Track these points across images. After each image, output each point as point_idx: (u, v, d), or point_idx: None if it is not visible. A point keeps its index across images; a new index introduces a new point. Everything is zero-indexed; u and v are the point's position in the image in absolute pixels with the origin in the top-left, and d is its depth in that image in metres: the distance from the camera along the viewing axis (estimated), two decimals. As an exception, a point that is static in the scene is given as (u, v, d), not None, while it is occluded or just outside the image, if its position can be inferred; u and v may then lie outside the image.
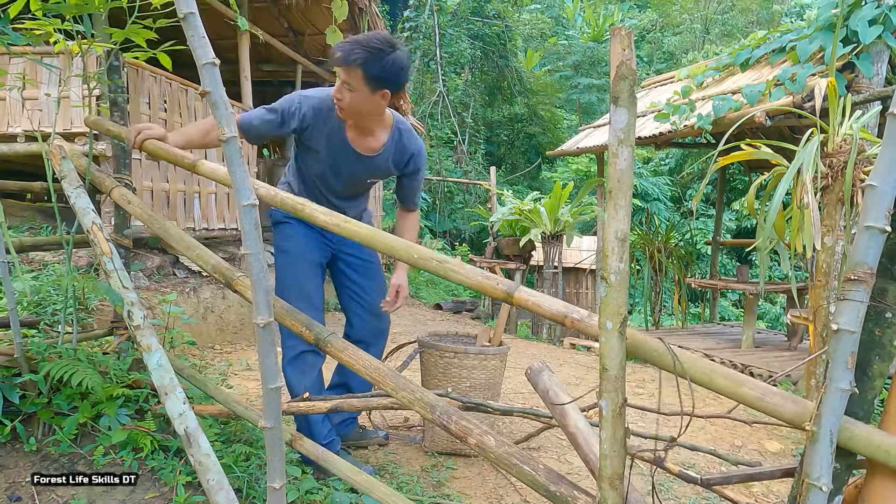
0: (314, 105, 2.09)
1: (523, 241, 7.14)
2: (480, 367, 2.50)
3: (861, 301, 0.90)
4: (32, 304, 2.92)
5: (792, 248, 2.00)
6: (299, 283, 2.22)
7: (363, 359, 1.61)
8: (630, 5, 20.99)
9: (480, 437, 1.36)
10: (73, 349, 2.02)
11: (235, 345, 4.54)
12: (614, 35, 0.98)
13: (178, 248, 1.96)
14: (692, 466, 2.62)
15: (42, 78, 3.92)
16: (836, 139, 2.20)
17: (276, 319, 1.56)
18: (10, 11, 1.62)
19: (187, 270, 4.63)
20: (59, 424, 1.91)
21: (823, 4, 4.26)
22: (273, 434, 1.21)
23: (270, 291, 1.20)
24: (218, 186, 5.17)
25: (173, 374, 1.65)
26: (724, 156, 2.60)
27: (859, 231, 0.90)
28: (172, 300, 3.17)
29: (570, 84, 18.07)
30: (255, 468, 2.00)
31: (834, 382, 0.92)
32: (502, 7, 15.73)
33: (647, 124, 5.24)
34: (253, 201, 1.12)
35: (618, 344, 1.03)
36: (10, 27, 1.66)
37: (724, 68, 5.21)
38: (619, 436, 1.05)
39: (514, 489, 2.31)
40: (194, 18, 1.04)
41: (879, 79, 3.78)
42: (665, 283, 6.51)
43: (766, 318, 11.16)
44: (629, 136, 0.98)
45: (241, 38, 5.53)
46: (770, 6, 17.20)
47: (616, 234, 1.00)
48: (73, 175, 2.09)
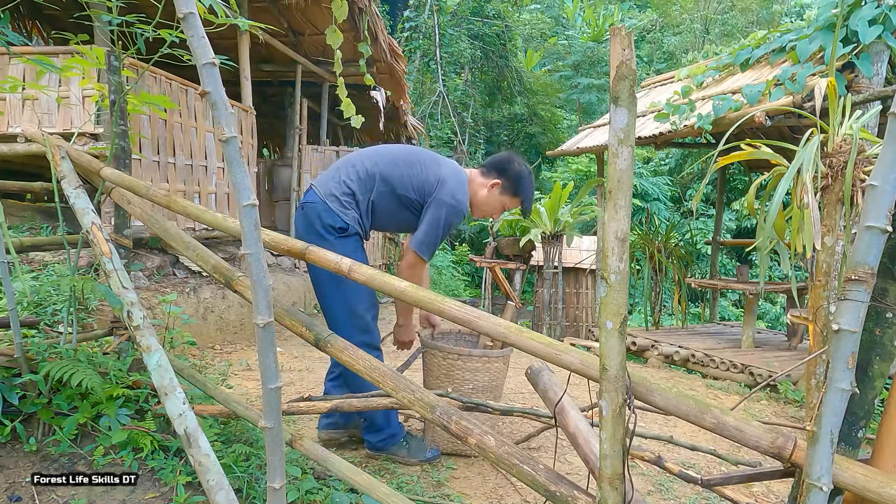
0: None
1: (523, 241, 7.14)
2: (484, 370, 2.50)
3: (861, 301, 0.90)
4: (32, 305, 2.91)
5: (792, 248, 2.00)
6: (370, 293, 2.35)
7: (363, 359, 1.61)
8: (630, 5, 20.99)
9: (480, 437, 1.36)
10: (73, 349, 2.02)
11: (235, 345, 4.54)
12: (614, 35, 0.98)
13: (178, 248, 1.96)
14: (692, 466, 2.62)
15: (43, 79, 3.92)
16: (836, 139, 2.20)
17: (276, 320, 1.56)
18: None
19: (187, 270, 4.63)
20: (59, 425, 1.91)
21: (823, 4, 4.26)
22: (273, 434, 1.21)
23: (270, 291, 1.20)
24: (218, 186, 5.17)
25: (173, 375, 1.65)
26: (723, 156, 2.59)
27: (860, 231, 0.90)
28: (172, 300, 3.17)
29: (570, 84, 18.05)
30: (255, 468, 1.99)
31: (834, 382, 0.92)
32: (502, 7, 15.71)
33: (647, 124, 5.24)
34: (253, 201, 1.12)
35: (618, 344, 1.03)
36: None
37: (724, 68, 5.21)
38: (618, 436, 1.05)
39: (514, 489, 2.31)
40: (194, 18, 1.04)
41: (879, 79, 3.77)
42: (665, 283, 6.50)
43: (766, 318, 11.15)
44: (629, 136, 0.98)
45: (241, 38, 5.53)
46: (770, 6, 17.19)
47: (616, 234, 1.00)
48: (72, 175, 2.09)
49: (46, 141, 2.17)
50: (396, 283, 1.48)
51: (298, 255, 1.67)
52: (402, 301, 1.52)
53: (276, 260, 6.41)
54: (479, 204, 2.50)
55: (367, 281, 1.51)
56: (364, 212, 2.34)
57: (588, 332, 6.87)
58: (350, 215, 2.29)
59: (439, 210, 2.31)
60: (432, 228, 2.30)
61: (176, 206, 1.83)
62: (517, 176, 2.46)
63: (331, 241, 2.23)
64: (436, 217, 2.31)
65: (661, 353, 5.33)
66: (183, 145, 4.67)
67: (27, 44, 5.97)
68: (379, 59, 6.70)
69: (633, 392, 1.08)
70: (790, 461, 1.02)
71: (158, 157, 4.36)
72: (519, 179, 2.46)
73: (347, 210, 2.29)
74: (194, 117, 4.82)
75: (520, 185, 2.47)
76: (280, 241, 1.71)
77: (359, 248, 2.36)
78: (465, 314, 1.36)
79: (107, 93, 2.27)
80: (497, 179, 2.46)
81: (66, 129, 3.95)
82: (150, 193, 1.91)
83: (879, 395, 1.12)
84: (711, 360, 4.82)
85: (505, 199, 2.49)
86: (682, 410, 1.08)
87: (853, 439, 1.13)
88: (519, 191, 2.48)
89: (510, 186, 2.46)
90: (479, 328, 1.34)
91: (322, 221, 2.26)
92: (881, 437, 1.12)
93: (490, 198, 2.48)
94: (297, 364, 4.06)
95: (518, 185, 2.47)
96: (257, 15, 6.23)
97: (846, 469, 0.96)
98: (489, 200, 2.49)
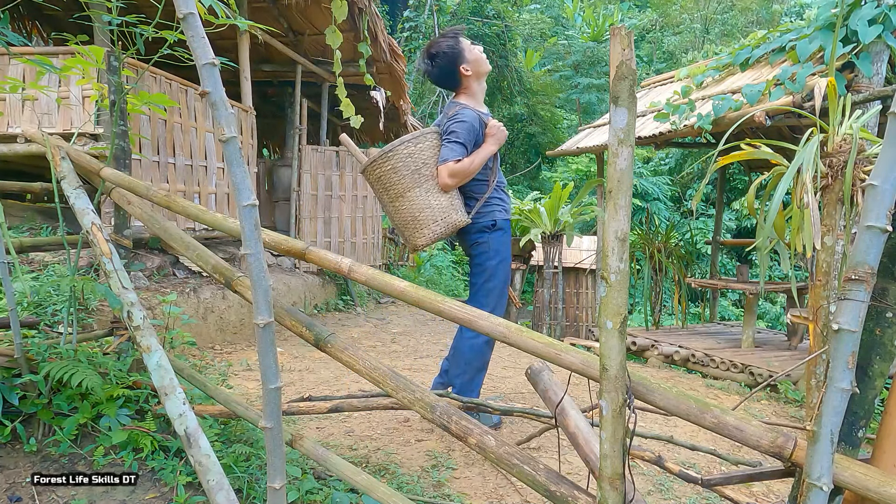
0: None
1: (523, 241, 7.14)
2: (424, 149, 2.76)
3: (862, 301, 0.90)
4: (32, 305, 2.91)
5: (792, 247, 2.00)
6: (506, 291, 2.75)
7: (362, 359, 1.61)
8: (630, 5, 20.98)
9: (480, 437, 1.36)
10: (73, 350, 2.02)
11: (235, 345, 4.54)
12: (614, 35, 0.98)
13: (178, 248, 1.96)
14: (692, 466, 2.62)
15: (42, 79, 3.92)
16: (835, 139, 2.21)
17: (276, 320, 1.56)
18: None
19: (187, 271, 4.63)
20: (59, 425, 1.91)
21: (823, 4, 4.26)
22: (273, 434, 1.21)
23: (270, 291, 1.20)
24: (218, 186, 5.17)
25: (173, 375, 1.65)
26: (723, 155, 2.60)
27: (860, 230, 0.90)
28: (172, 300, 3.17)
29: (570, 84, 18.05)
30: (256, 468, 1.99)
31: (834, 382, 0.92)
32: (502, 7, 15.72)
33: (646, 124, 5.24)
34: (253, 201, 1.12)
35: (618, 344, 1.03)
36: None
37: (724, 68, 5.21)
38: (619, 435, 1.05)
39: (514, 489, 2.31)
40: (194, 19, 1.04)
41: (879, 78, 3.77)
42: (665, 283, 6.50)
43: (766, 318, 11.15)
44: (629, 136, 0.98)
45: (241, 38, 5.53)
46: (770, 6, 17.18)
47: (616, 234, 1.00)
48: (72, 175, 2.09)
49: (46, 141, 2.17)
50: (396, 283, 1.48)
51: (298, 255, 1.67)
52: (402, 298, 1.52)
53: (276, 260, 6.41)
54: (479, 73, 2.74)
55: (367, 281, 1.51)
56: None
57: (588, 332, 6.87)
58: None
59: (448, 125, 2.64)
60: (447, 141, 2.59)
61: (176, 206, 1.83)
62: (446, 57, 2.68)
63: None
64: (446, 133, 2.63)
65: (661, 353, 5.33)
66: (183, 145, 4.67)
67: (27, 44, 5.97)
68: (379, 59, 6.69)
69: (634, 392, 1.08)
70: (790, 461, 1.02)
71: (158, 157, 4.36)
72: (448, 54, 2.68)
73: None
74: (194, 117, 4.82)
75: (452, 50, 2.68)
76: (280, 241, 1.71)
77: None
78: (466, 314, 1.36)
79: (106, 93, 2.28)
80: (459, 70, 2.69)
81: (66, 129, 3.94)
82: (150, 194, 1.91)
83: (880, 394, 1.12)
84: (711, 359, 4.82)
85: (469, 56, 2.71)
86: (683, 410, 1.08)
87: (853, 439, 1.13)
88: (456, 48, 2.69)
89: (456, 58, 2.68)
90: (480, 328, 1.34)
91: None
92: (881, 436, 1.12)
93: (472, 68, 2.71)
94: (297, 364, 4.06)
95: (453, 51, 2.68)
96: (257, 15, 6.23)
97: (846, 468, 0.96)
98: (473, 69, 2.71)
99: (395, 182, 2.56)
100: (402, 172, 2.55)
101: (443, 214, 2.58)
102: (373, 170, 2.58)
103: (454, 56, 2.68)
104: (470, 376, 2.68)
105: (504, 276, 2.74)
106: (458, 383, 2.66)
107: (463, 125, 2.60)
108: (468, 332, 2.66)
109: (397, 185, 2.56)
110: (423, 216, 2.57)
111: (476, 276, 2.73)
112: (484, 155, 2.63)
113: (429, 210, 2.57)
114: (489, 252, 2.69)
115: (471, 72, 2.71)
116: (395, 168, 2.54)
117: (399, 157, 2.54)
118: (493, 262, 2.69)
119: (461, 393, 2.57)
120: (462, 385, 2.65)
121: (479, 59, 2.73)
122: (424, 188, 2.56)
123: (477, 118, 2.65)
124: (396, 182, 2.56)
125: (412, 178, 2.55)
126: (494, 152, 2.70)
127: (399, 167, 2.54)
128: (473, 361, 2.68)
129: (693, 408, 1.07)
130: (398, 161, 2.54)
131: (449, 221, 2.58)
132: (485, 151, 2.64)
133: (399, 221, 2.64)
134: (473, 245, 2.73)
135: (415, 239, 2.62)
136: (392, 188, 2.59)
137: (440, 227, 2.57)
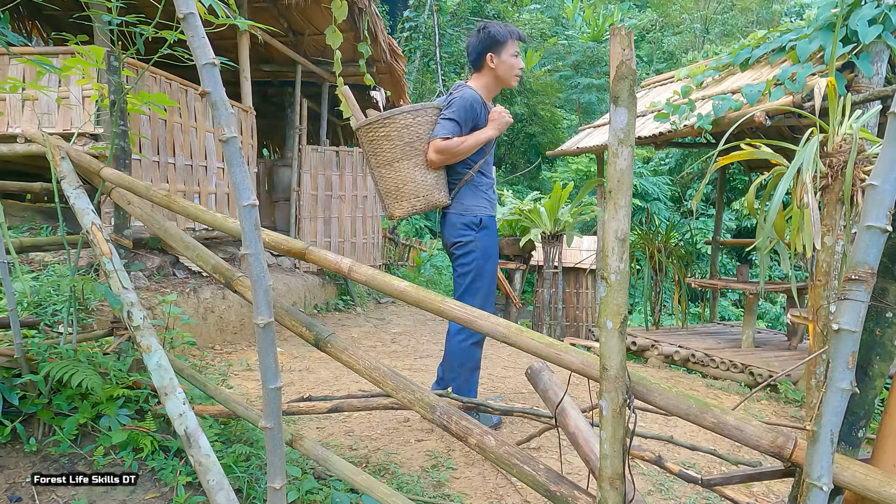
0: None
1: (523, 241, 7.14)
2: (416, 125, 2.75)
3: (862, 301, 0.90)
4: (32, 305, 2.91)
5: (792, 247, 2.00)
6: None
7: (362, 359, 1.61)
8: (630, 5, 20.98)
9: (480, 437, 1.36)
10: (73, 350, 2.02)
11: (235, 345, 4.54)
12: (614, 35, 0.98)
13: (178, 248, 1.96)
14: (692, 466, 2.62)
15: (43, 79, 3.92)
16: (835, 139, 2.21)
17: (276, 320, 1.56)
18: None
19: (187, 271, 4.63)
20: (59, 425, 1.91)
21: (823, 4, 4.26)
22: (273, 434, 1.21)
23: (270, 291, 1.20)
24: (218, 186, 5.17)
25: (173, 375, 1.65)
26: (723, 156, 2.60)
27: (860, 231, 0.90)
28: (172, 300, 3.17)
29: (570, 84, 18.05)
30: (256, 468, 1.99)
31: (834, 382, 0.92)
32: (502, 7, 15.72)
33: (646, 124, 5.24)
34: (253, 201, 1.12)
35: (618, 344, 1.03)
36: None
37: (724, 68, 5.21)
38: (619, 436, 1.05)
39: (514, 489, 2.31)
40: (194, 19, 1.04)
41: (879, 78, 3.77)
42: (665, 283, 6.50)
43: (766, 318, 11.16)
44: (629, 136, 0.98)
45: (241, 38, 5.53)
46: (770, 6, 17.18)
47: (616, 234, 1.00)
48: (72, 175, 2.09)
49: (46, 141, 2.17)
50: (396, 283, 1.48)
51: (298, 255, 1.67)
52: (403, 298, 1.52)
53: (276, 260, 6.41)
54: (502, 77, 2.71)
55: (368, 281, 1.51)
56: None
57: (588, 332, 6.87)
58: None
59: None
60: (441, 118, 2.60)
61: (176, 206, 1.83)
62: (487, 36, 2.65)
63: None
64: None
65: (661, 353, 5.33)
66: (183, 145, 4.67)
67: (27, 44, 5.96)
68: (379, 59, 6.70)
69: (633, 392, 1.08)
70: (790, 461, 1.02)
71: (158, 157, 4.36)
72: (490, 35, 2.65)
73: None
74: (194, 117, 4.82)
75: (496, 36, 2.65)
76: (280, 241, 1.71)
77: None
78: (466, 314, 1.36)
79: (106, 93, 2.28)
80: (487, 56, 2.67)
81: (66, 129, 3.94)
82: (150, 194, 1.91)
83: (880, 394, 1.12)
84: (711, 359, 4.82)
85: (504, 55, 2.67)
86: (683, 410, 1.08)
87: (853, 439, 1.13)
88: (501, 38, 2.66)
89: (493, 45, 2.66)
90: (480, 328, 1.34)
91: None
92: (881, 436, 1.12)
93: (500, 67, 2.68)
94: (297, 364, 4.06)
95: (495, 38, 2.65)
96: (257, 15, 6.23)
97: (846, 468, 0.96)
98: (500, 69, 2.69)
99: (385, 149, 2.56)
100: (396, 142, 2.55)
101: (426, 191, 2.59)
102: (367, 132, 2.58)
103: (492, 42, 2.66)
104: (465, 378, 2.69)
105: (491, 276, 2.72)
106: (455, 386, 2.66)
107: (461, 103, 2.59)
108: (456, 336, 2.67)
109: (387, 153, 2.57)
110: (406, 189, 2.58)
111: (462, 277, 2.70)
112: (479, 138, 2.61)
113: (412, 184, 2.57)
114: (476, 251, 2.66)
115: (495, 66, 2.69)
116: (389, 136, 2.54)
117: (396, 126, 2.54)
118: (479, 262, 2.67)
119: (459, 394, 2.58)
120: (458, 387, 2.66)
121: (510, 64, 2.70)
122: (413, 162, 2.57)
123: (479, 100, 2.64)
124: (388, 150, 2.56)
125: (403, 150, 2.55)
126: (492, 138, 2.68)
127: (393, 136, 2.54)
128: (465, 363, 2.68)
129: (693, 408, 1.07)
130: (393, 130, 2.54)
131: (430, 199, 2.60)
132: (481, 135, 2.62)
133: (382, 187, 2.66)
134: (458, 244, 2.69)
135: (392, 209, 2.64)
136: (381, 154, 2.59)
137: (421, 202, 2.59)
